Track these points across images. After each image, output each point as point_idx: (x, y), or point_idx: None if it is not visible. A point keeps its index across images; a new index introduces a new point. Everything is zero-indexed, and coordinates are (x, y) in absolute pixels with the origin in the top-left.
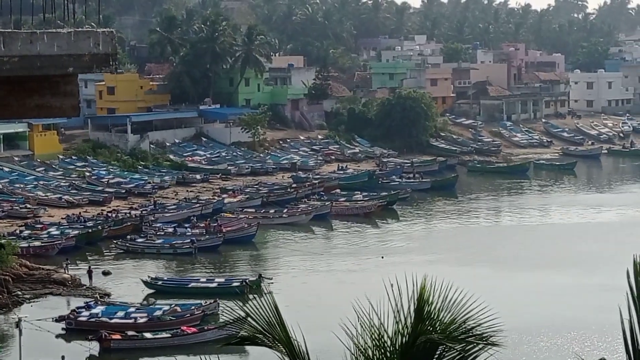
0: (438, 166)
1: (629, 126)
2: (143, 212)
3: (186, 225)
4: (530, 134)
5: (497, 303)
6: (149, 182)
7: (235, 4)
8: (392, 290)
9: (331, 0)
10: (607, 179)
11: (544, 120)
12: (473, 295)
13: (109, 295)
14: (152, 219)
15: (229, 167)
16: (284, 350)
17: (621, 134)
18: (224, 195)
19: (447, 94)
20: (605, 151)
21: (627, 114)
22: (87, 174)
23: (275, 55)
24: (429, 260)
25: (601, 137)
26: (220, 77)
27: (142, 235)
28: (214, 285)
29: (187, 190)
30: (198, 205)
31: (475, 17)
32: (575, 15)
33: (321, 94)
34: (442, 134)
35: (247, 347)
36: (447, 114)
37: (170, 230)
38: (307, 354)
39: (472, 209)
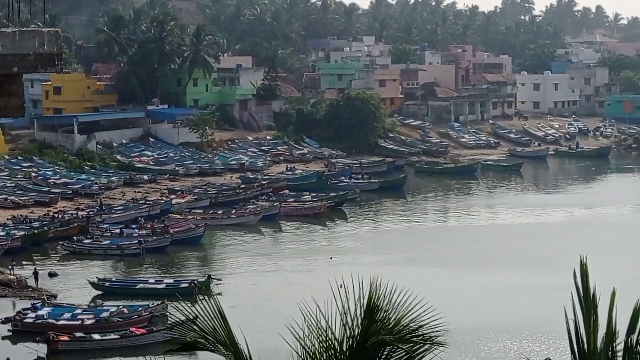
0: (386, 167)
1: (575, 127)
2: (90, 212)
3: (133, 226)
4: (477, 135)
5: (446, 303)
6: (96, 183)
7: (183, 4)
8: (339, 291)
9: (280, 1)
10: (554, 180)
11: (491, 121)
12: (421, 295)
13: (55, 296)
14: (99, 219)
15: (176, 168)
16: (226, 354)
17: (567, 135)
18: (172, 196)
19: (395, 95)
20: (552, 152)
21: (574, 116)
22: (33, 174)
23: (223, 56)
24: (377, 261)
25: (548, 138)
26: (168, 77)
27: (88, 236)
28: (162, 286)
29: (135, 191)
30: (145, 206)
31: (423, 19)
32: (522, 17)
33: (270, 95)
34: (391, 135)
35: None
36: (396, 115)
37: (117, 231)
38: (250, 357)
39: (420, 209)
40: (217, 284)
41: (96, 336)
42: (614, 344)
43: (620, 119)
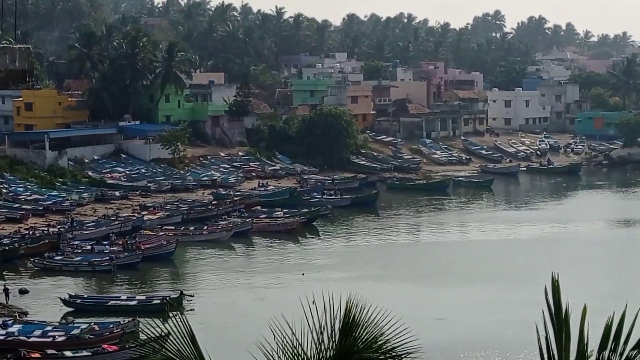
0: (358, 183)
1: (546, 144)
2: (61, 229)
3: (105, 242)
4: (449, 152)
5: (418, 319)
6: (67, 199)
7: (155, 20)
8: (310, 307)
9: (252, 17)
10: (525, 196)
11: (462, 137)
12: (394, 311)
13: (26, 313)
14: (70, 236)
15: (148, 184)
16: None
17: (538, 152)
18: (144, 212)
19: (367, 112)
20: (524, 168)
21: (544, 132)
22: (4, 190)
23: (195, 72)
24: (349, 277)
25: (519, 154)
26: (140, 93)
27: (59, 252)
28: (134, 303)
29: (106, 207)
30: (117, 222)
31: (395, 36)
32: (493, 34)
33: (242, 111)
34: (363, 151)
35: None
36: (368, 131)
37: (88, 247)
38: None
39: (392, 225)
40: (189, 301)
41: (68, 353)
42: None
43: (591, 135)
